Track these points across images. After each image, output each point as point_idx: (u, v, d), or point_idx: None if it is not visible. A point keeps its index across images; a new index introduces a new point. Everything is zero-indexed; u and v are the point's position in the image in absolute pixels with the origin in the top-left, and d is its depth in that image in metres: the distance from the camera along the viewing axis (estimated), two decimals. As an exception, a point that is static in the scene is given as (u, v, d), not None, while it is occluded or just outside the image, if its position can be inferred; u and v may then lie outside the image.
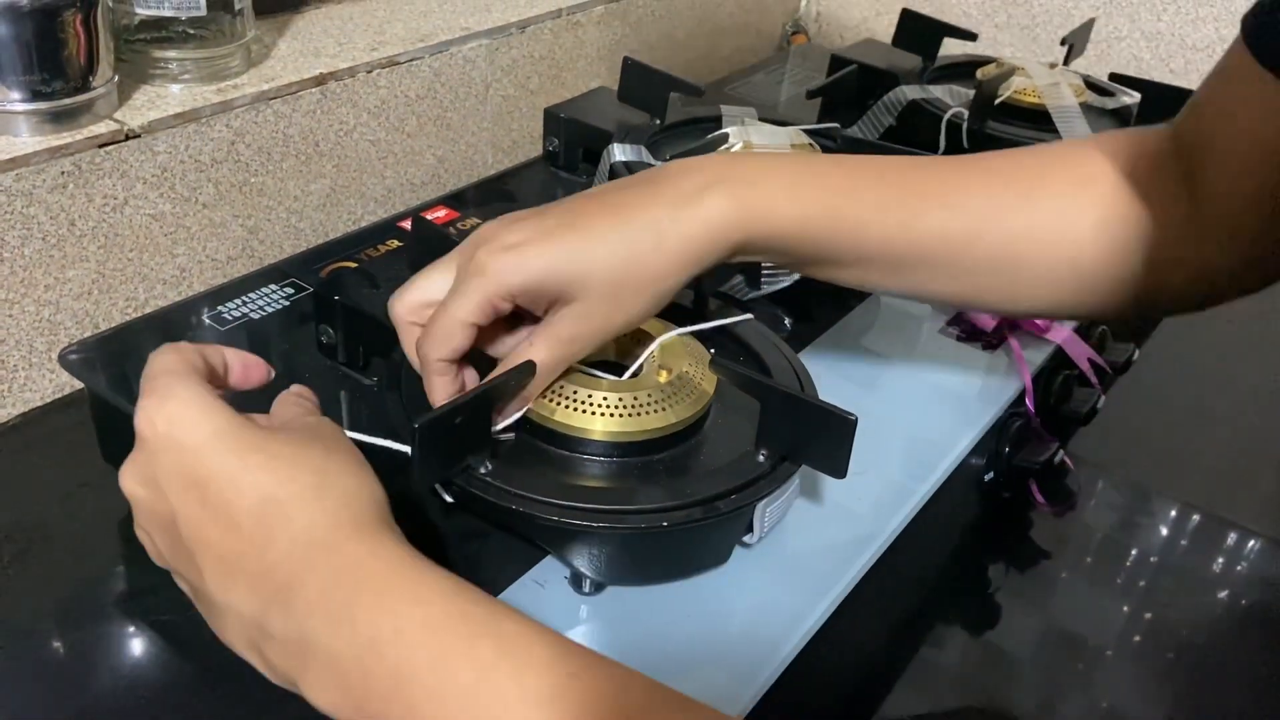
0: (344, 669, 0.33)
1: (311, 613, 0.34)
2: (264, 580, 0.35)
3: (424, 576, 0.35)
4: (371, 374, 0.54)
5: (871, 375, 0.62)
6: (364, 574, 0.34)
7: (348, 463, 0.38)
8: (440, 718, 0.32)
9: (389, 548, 0.35)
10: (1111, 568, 0.65)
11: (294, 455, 0.36)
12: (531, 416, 0.46)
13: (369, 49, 0.77)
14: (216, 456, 0.36)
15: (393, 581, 0.34)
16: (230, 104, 0.67)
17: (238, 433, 0.36)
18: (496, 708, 0.31)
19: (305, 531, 0.35)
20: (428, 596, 0.34)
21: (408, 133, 0.80)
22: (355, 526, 0.35)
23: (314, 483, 0.36)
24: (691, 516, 0.43)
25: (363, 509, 0.36)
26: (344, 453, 0.38)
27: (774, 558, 0.47)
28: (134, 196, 0.64)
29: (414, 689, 0.32)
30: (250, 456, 0.36)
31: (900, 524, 0.51)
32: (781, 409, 0.45)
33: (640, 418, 0.46)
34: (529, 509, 0.42)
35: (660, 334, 0.50)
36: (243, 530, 0.35)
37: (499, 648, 0.33)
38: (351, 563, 0.34)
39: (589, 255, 0.43)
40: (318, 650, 0.33)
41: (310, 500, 0.35)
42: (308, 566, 0.34)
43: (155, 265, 0.67)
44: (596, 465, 0.46)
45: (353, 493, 0.37)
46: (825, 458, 0.44)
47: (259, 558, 0.35)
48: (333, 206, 0.77)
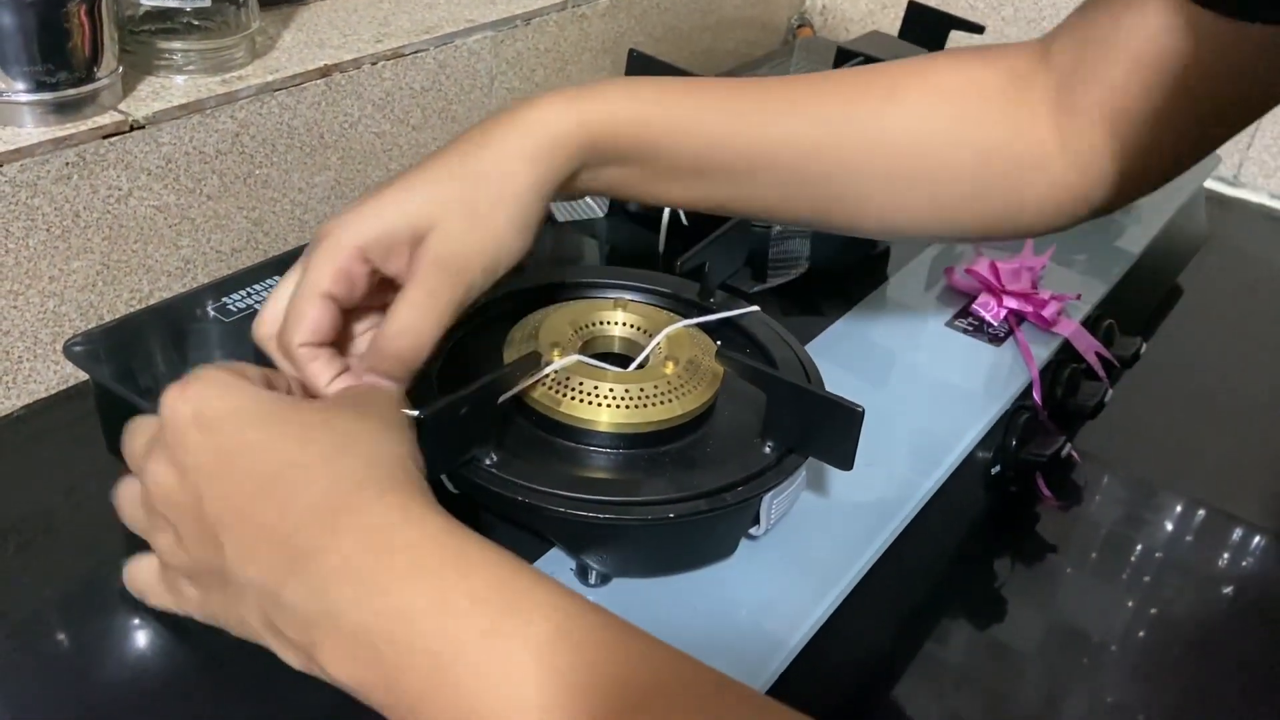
0: (371, 642, 0.31)
1: (335, 580, 0.31)
2: (284, 548, 0.32)
3: (465, 545, 0.32)
4: (376, 366, 0.54)
5: (878, 369, 0.61)
6: (395, 539, 0.32)
7: (382, 427, 0.36)
8: (489, 699, 0.29)
9: (422, 512, 0.33)
10: (1116, 563, 0.65)
11: (322, 420, 0.35)
12: (537, 407, 0.46)
13: (374, 40, 0.77)
14: (242, 428, 0.35)
15: (428, 549, 0.32)
16: (234, 95, 0.67)
17: (263, 404, 0.35)
18: (553, 689, 0.29)
19: (326, 495, 0.33)
20: (470, 567, 0.32)
21: (412, 125, 0.80)
22: (382, 489, 0.33)
23: (339, 443, 0.34)
24: (697, 509, 0.42)
25: (392, 470, 0.34)
26: (380, 419, 0.37)
27: (780, 550, 0.47)
28: (138, 188, 0.63)
29: (459, 668, 0.30)
30: (275, 426, 0.35)
31: (907, 517, 0.51)
32: (788, 400, 0.44)
33: (646, 409, 0.46)
34: (534, 500, 0.42)
35: (666, 326, 0.50)
36: (266, 498, 0.33)
37: (555, 625, 0.30)
38: (381, 525, 0.32)
39: (431, 186, 0.41)
40: (341, 621, 0.31)
41: (333, 460, 0.34)
42: (331, 530, 0.32)
43: (160, 257, 0.66)
44: (603, 457, 0.46)
45: (382, 454, 0.35)
46: (832, 449, 0.44)
47: (279, 524, 0.33)
48: (338, 199, 0.77)
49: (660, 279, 0.57)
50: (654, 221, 0.67)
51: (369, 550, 0.32)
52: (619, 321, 0.51)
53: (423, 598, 0.31)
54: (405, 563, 0.31)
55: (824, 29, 1.25)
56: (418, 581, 0.31)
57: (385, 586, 0.31)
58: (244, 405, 0.35)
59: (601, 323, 0.51)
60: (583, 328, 0.50)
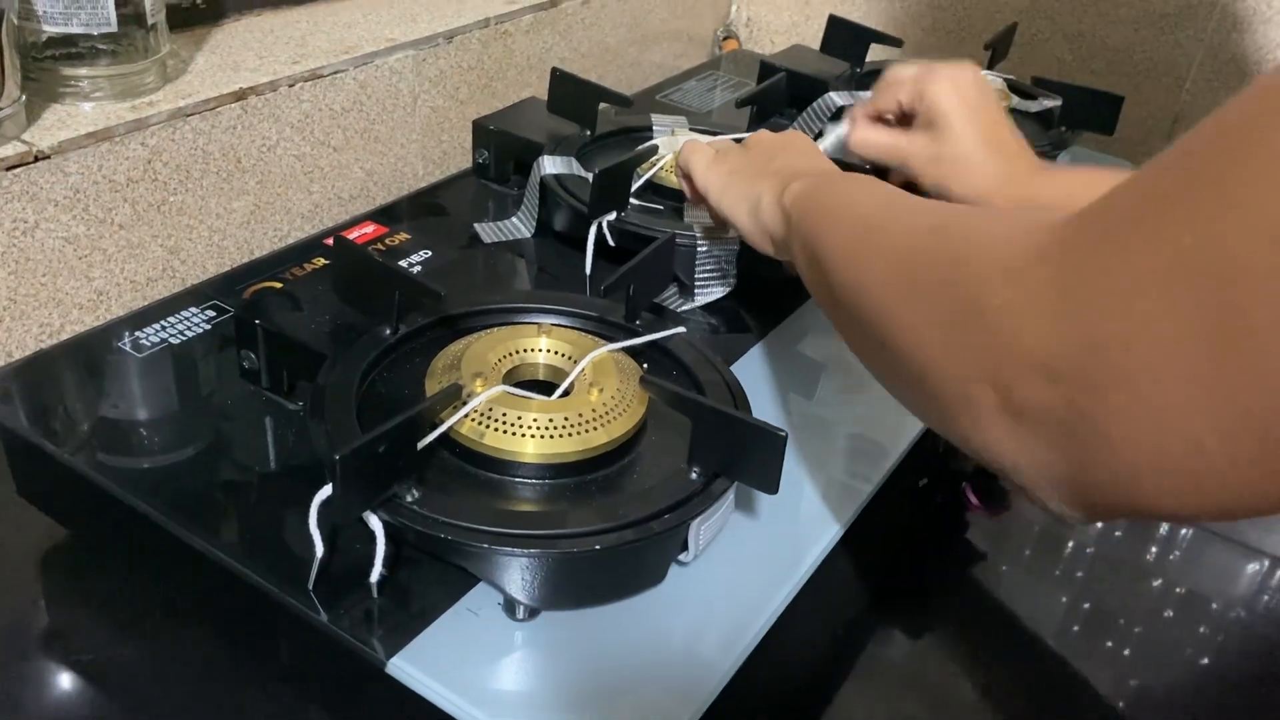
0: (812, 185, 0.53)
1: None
2: (789, 172, 0.56)
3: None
4: (297, 398, 0.53)
5: (806, 383, 0.62)
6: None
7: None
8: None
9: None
10: (1049, 562, 0.66)
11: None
12: (460, 440, 0.45)
13: (290, 62, 0.75)
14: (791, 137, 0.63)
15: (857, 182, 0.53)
16: (145, 122, 0.65)
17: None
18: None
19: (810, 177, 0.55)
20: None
21: (334, 146, 0.78)
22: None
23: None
24: (624, 538, 0.42)
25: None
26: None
27: (711, 574, 0.47)
28: (45, 219, 0.61)
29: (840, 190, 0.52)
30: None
31: (837, 534, 0.51)
32: (712, 425, 0.44)
33: (571, 438, 0.45)
34: (458, 537, 0.41)
35: (590, 351, 0.50)
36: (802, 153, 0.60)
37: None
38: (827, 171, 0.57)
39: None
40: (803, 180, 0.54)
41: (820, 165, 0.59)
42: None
43: (70, 289, 0.64)
44: (528, 488, 0.45)
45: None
46: (757, 474, 0.44)
47: (796, 162, 0.58)
48: (257, 224, 0.75)
49: (585, 302, 0.56)
50: (580, 241, 0.67)
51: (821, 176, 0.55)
52: (542, 348, 0.50)
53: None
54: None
55: (749, 41, 1.26)
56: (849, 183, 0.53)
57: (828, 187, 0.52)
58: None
59: (525, 350, 0.50)
60: (506, 356, 0.49)
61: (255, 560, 0.45)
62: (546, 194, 0.70)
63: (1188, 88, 1.04)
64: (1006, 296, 0.33)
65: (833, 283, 0.45)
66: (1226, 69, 1.02)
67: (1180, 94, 1.05)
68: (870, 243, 0.44)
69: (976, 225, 0.38)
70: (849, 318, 0.44)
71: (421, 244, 0.68)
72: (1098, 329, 0.29)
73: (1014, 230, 0.34)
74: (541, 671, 0.42)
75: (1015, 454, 0.33)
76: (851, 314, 0.44)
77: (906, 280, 0.39)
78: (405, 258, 0.66)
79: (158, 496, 0.47)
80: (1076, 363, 0.30)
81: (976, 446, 0.36)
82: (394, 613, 0.43)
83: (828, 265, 0.46)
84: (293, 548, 0.46)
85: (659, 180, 0.70)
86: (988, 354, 0.33)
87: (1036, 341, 0.31)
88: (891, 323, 0.40)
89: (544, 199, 0.70)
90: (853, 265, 0.44)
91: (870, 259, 0.43)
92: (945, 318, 0.36)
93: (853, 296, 0.43)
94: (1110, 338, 0.28)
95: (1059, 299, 0.30)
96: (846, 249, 0.45)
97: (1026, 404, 0.32)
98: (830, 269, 0.46)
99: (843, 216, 0.48)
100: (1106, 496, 0.31)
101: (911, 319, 0.38)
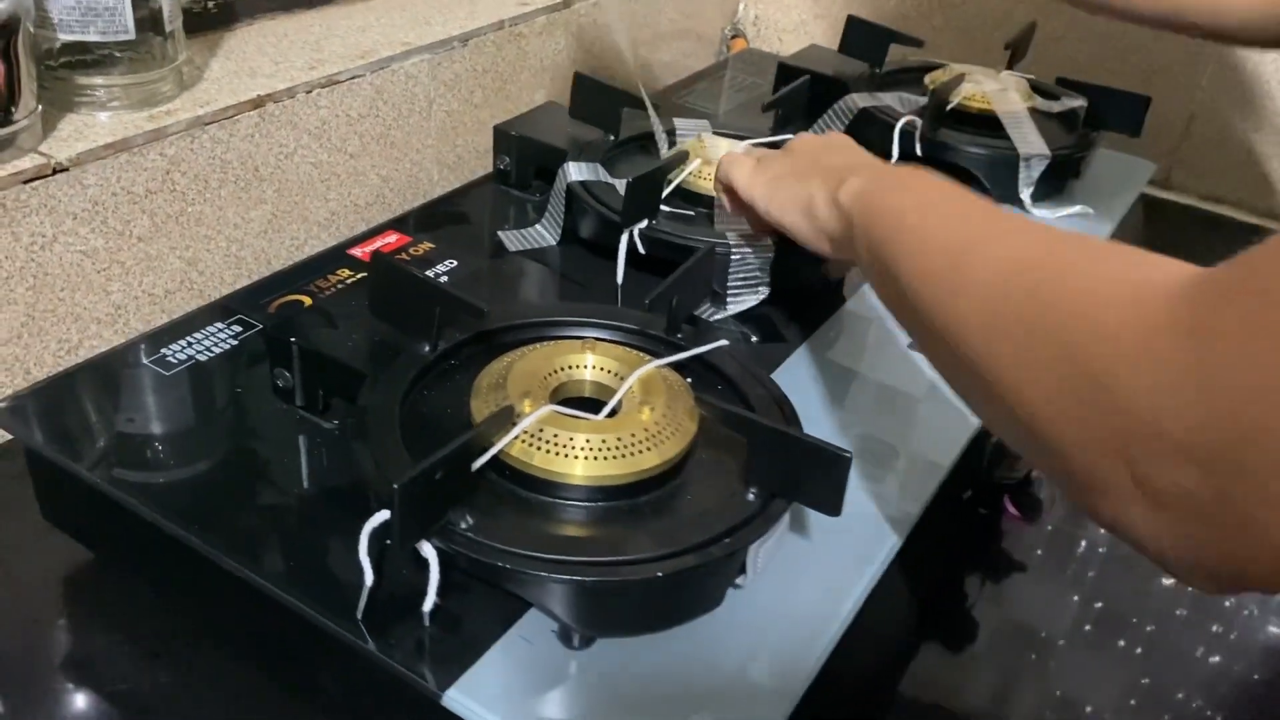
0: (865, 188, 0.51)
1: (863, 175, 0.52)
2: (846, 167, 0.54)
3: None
4: (332, 417, 0.52)
5: (847, 393, 0.60)
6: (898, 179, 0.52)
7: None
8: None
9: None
10: (1059, 560, 0.65)
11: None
12: (510, 462, 0.44)
13: (307, 68, 0.74)
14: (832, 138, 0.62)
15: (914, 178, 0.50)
16: (163, 131, 0.63)
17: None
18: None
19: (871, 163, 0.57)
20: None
21: (350, 153, 0.77)
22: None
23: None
24: (685, 564, 0.41)
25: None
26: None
27: (766, 596, 0.46)
28: (63, 233, 0.60)
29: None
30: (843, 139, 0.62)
31: (893, 549, 0.49)
32: (771, 446, 0.43)
33: (624, 459, 0.44)
34: (515, 565, 0.40)
35: (636, 366, 0.49)
36: (847, 152, 0.59)
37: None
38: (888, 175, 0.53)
39: None
40: (859, 182, 0.51)
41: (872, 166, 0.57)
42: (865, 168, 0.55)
43: (89, 304, 0.63)
44: (580, 511, 0.44)
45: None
46: (819, 495, 0.43)
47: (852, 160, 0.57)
48: (275, 233, 0.73)
49: (624, 314, 0.55)
50: (607, 249, 0.66)
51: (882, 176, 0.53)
52: (588, 365, 0.49)
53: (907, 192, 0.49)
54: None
55: (757, 39, 1.25)
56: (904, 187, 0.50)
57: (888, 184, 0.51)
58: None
59: (571, 367, 0.49)
60: (551, 373, 0.48)
61: (298, 587, 0.44)
62: (573, 201, 0.68)
63: (1203, 85, 1.04)
64: (1138, 375, 0.30)
65: (915, 310, 0.42)
66: (1242, 68, 1.02)
67: (1195, 93, 1.04)
68: (955, 271, 0.40)
69: (1076, 268, 0.35)
70: (937, 351, 0.42)
71: (446, 253, 0.67)
72: (1250, 413, 0.27)
73: (1127, 288, 0.32)
74: (598, 701, 0.41)
75: (1153, 535, 0.32)
76: (941, 349, 0.41)
77: (1005, 328, 0.36)
78: (431, 268, 0.65)
79: (192, 520, 0.46)
80: (1226, 450, 0.28)
81: (1105, 521, 0.34)
82: (446, 642, 0.42)
83: (904, 287, 0.43)
84: (337, 574, 0.44)
85: (688, 186, 0.69)
86: (1119, 433, 0.31)
87: (1178, 425, 0.29)
88: (992, 374, 0.37)
89: (570, 206, 0.69)
90: (937, 298, 0.40)
91: (956, 293, 0.39)
92: (1061, 384, 0.33)
93: (941, 331, 0.40)
94: (1265, 422, 0.27)
95: (1202, 380, 0.28)
96: (926, 274, 0.42)
97: (1168, 488, 0.30)
98: (909, 295, 0.43)
99: (916, 230, 0.44)
100: (1247, 575, 0.30)
101: (1018, 376, 0.35)
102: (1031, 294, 0.36)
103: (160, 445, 0.51)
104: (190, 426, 0.52)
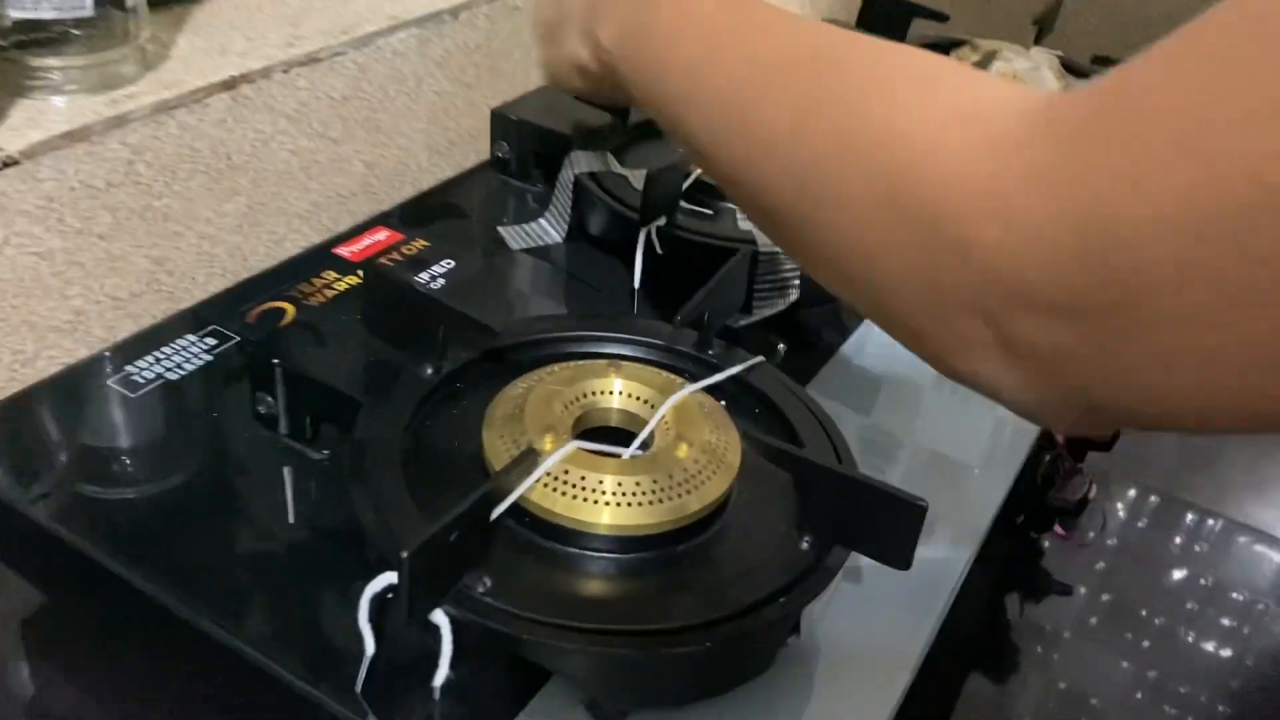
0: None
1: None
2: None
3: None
4: (321, 446, 0.46)
5: (887, 410, 0.55)
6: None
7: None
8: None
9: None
10: (1070, 555, 0.62)
11: None
12: (529, 508, 0.38)
13: (284, 44, 0.67)
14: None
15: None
16: (125, 117, 0.57)
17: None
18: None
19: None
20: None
21: (333, 139, 0.70)
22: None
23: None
24: (736, 631, 0.35)
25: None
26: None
27: (821, 652, 0.41)
28: (15, 234, 0.53)
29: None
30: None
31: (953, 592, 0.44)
32: (831, 489, 0.38)
33: (660, 505, 0.38)
34: (540, 636, 0.34)
35: (667, 391, 0.43)
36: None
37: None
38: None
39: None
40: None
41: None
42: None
43: (45, 311, 0.56)
44: (608, 563, 0.38)
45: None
46: (886, 547, 0.37)
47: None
48: (251, 227, 0.67)
49: (648, 327, 0.49)
50: (617, 246, 0.60)
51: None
52: (615, 390, 0.43)
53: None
54: None
55: None
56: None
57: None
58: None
59: (596, 393, 0.43)
60: (573, 401, 0.42)
61: (284, 652, 0.38)
62: (580, 194, 0.62)
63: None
64: (996, 234, 0.26)
65: (717, 169, 0.38)
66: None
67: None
68: (745, 129, 0.35)
69: (883, 104, 0.31)
70: (753, 211, 0.37)
71: (442, 252, 0.61)
72: (1141, 257, 0.23)
73: (955, 130, 0.28)
74: (636, 785, 0.36)
75: (1011, 385, 0.29)
76: (753, 208, 0.36)
77: (825, 179, 0.32)
78: (426, 269, 0.59)
79: (163, 570, 0.40)
80: (1109, 306, 0.24)
81: (958, 376, 0.30)
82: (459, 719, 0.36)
83: (698, 146, 0.38)
84: (330, 635, 0.39)
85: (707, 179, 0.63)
86: (976, 290, 0.27)
87: (1045, 278, 0.25)
88: (817, 232, 0.32)
89: (577, 199, 0.63)
90: (733, 160, 0.36)
91: (753, 154, 0.34)
92: (901, 243, 0.29)
93: (747, 194, 0.36)
94: (1159, 270, 0.23)
95: (1077, 223, 0.24)
96: (714, 132, 0.36)
97: (1036, 344, 0.27)
98: (706, 155, 0.38)
99: (690, 77, 0.38)
100: (1105, 415, 0.28)
101: (846, 237, 0.31)
102: (844, 146, 0.31)
103: (125, 480, 0.45)
104: (159, 457, 0.46)
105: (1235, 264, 0.22)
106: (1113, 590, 0.62)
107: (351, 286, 0.56)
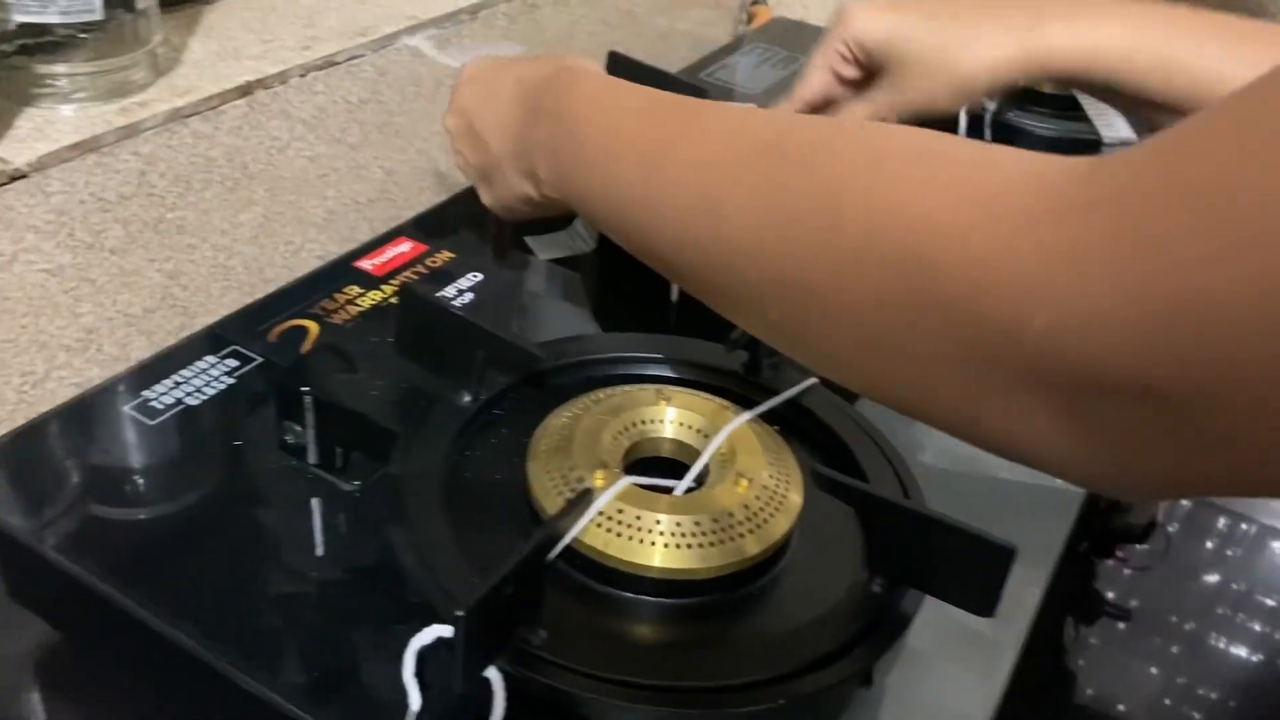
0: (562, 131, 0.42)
1: (552, 110, 0.43)
2: (524, 109, 0.47)
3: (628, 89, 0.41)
4: (352, 477, 0.43)
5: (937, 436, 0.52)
6: (579, 86, 0.42)
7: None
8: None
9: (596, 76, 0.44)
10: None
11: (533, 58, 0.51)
12: (580, 549, 0.36)
13: (300, 47, 0.65)
14: (490, 70, 0.52)
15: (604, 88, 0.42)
16: (137, 126, 0.54)
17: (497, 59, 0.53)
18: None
19: (535, 80, 0.46)
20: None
21: (350, 144, 0.68)
22: (573, 71, 0.45)
23: (546, 58, 0.49)
24: (815, 685, 0.33)
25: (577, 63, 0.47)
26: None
27: (892, 699, 0.38)
28: (24, 250, 0.51)
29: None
30: (512, 64, 0.51)
31: (1026, 629, 0.42)
32: (910, 531, 0.35)
33: (720, 547, 0.36)
34: (599, 694, 0.32)
35: (721, 419, 0.40)
36: (507, 99, 0.48)
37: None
38: (571, 80, 0.43)
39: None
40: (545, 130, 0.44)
41: (541, 65, 0.47)
42: (548, 90, 0.44)
43: (55, 329, 0.54)
44: (669, 609, 0.36)
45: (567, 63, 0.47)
46: (967, 592, 0.35)
47: (519, 108, 0.47)
48: (267, 237, 0.64)
49: (694, 347, 0.47)
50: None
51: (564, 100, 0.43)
52: (666, 419, 0.41)
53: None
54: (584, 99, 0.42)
55: (780, 7, 1.15)
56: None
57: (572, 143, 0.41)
58: (482, 63, 0.53)
59: (646, 421, 0.40)
60: (623, 431, 0.40)
61: (319, 705, 0.35)
62: (612, 202, 0.60)
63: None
64: (1049, 317, 0.23)
65: (687, 284, 0.34)
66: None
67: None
68: (710, 226, 0.31)
69: (891, 180, 0.27)
70: (743, 319, 0.33)
71: (468, 265, 0.58)
72: (1230, 334, 0.20)
73: (973, 200, 0.25)
74: None
75: (1082, 462, 0.25)
76: (741, 317, 0.33)
77: (821, 271, 0.28)
78: (453, 283, 0.56)
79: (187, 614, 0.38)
80: (1180, 385, 0.21)
81: (1020, 454, 0.27)
82: (511, 780, 0.34)
83: (669, 269, 0.35)
84: (368, 685, 0.36)
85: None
86: (1035, 372, 0.24)
87: (1117, 363, 0.22)
88: (818, 329, 0.29)
89: (608, 207, 0.60)
90: (709, 261, 0.32)
91: (720, 250, 0.31)
92: (929, 332, 0.25)
93: (730, 304, 0.32)
94: (1252, 348, 0.20)
95: (1139, 305, 0.21)
96: (677, 240, 0.33)
97: (1107, 422, 0.23)
98: (676, 272, 0.35)
99: (648, 201, 0.35)
100: (1191, 490, 0.27)
101: (856, 332, 0.28)
102: (843, 236, 0.27)
103: (144, 514, 0.42)
104: (180, 489, 0.44)
105: None
106: (1142, 596, 0.60)
107: (376, 303, 0.53)
